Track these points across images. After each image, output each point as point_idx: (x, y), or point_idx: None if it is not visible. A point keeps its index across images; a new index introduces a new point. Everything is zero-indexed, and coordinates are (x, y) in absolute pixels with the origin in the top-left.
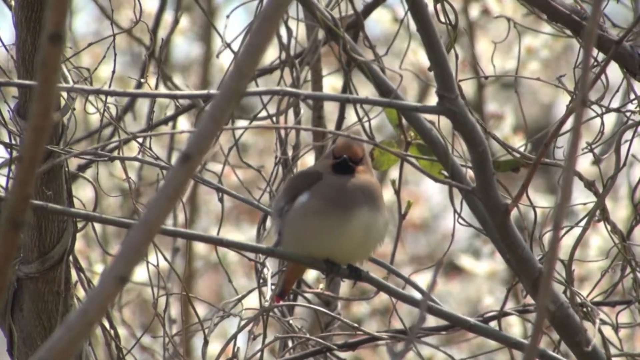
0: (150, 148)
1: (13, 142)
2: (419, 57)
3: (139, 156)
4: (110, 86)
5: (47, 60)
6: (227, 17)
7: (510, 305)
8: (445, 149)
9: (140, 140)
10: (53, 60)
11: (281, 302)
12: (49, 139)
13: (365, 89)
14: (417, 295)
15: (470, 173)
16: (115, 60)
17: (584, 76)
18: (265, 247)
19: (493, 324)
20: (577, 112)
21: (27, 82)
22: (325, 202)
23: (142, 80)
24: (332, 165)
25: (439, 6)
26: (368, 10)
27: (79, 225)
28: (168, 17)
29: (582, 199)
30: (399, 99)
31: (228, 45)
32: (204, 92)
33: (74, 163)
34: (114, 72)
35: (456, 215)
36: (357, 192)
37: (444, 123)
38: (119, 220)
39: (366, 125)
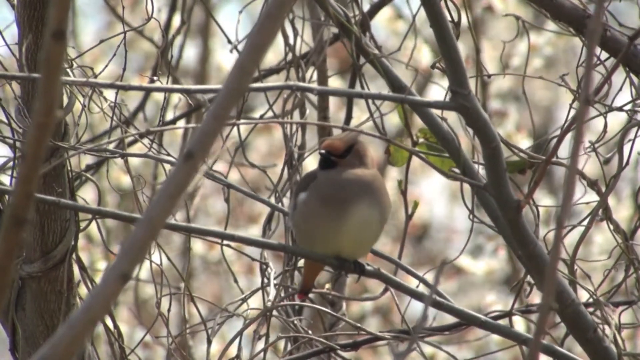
0: (161, 145)
1: (17, 141)
2: (421, 54)
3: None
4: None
5: (50, 57)
6: (240, 12)
7: (510, 303)
8: (457, 146)
9: (146, 138)
10: (56, 57)
11: (284, 302)
12: (52, 137)
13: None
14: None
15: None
16: (126, 57)
17: (587, 75)
18: (276, 242)
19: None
20: (580, 111)
21: (34, 74)
22: (321, 200)
23: (155, 78)
24: (318, 162)
25: (442, 4)
26: (374, 10)
27: (83, 224)
28: (164, 16)
29: (585, 198)
30: (411, 95)
31: (235, 47)
32: (218, 86)
33: (83, 162)
34: (124, 69)
35: (468, 213)
36: (351, 187)
37: (454, 120)
38: (130, 216)
39: (378, 121)
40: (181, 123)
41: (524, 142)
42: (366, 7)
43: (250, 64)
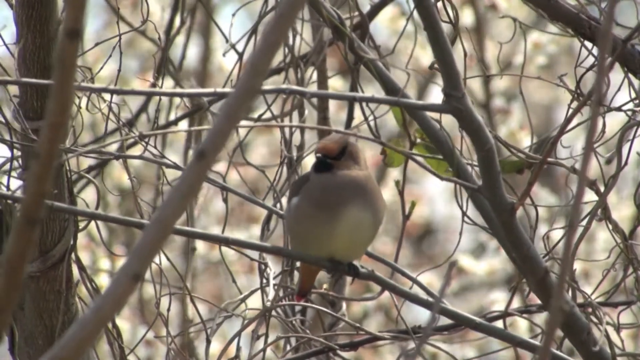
0: (156, 147)
1: (15, 141)
2: (421, 55)
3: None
4: (115, 86)
5: (64, 56)
6: (233, 15)
7: (512, 302)
8: (451, 148)
9: (146, 139)
10: (70, 56)
11: (282, 302)
12: None
13: (367, 89)
14: (421, 295)
15: (475, 171)
16: (121, 59)
17: (600, 77)
18: (271, 246)
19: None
20: (594, 113)
21: (35, 80)
22: (312, 204)
23: (153, 80)
24: (312, 166)
25: (440, 4)
26: (374, 12)
27: (82, 224)
28: (166, 15)
29: (583, 197)
30: (405, 97)
31: (233, 47)
32: (211, 90)
33: (85, 163)
34: (119, 70)
35: (461, 214)
36: (344, 189)
37: (449, 121)
38: (124, 219)
39: (372, 124)
40: (182, 124)
41: (527, 141)
42: (366, 8)
43: (262, 64)
